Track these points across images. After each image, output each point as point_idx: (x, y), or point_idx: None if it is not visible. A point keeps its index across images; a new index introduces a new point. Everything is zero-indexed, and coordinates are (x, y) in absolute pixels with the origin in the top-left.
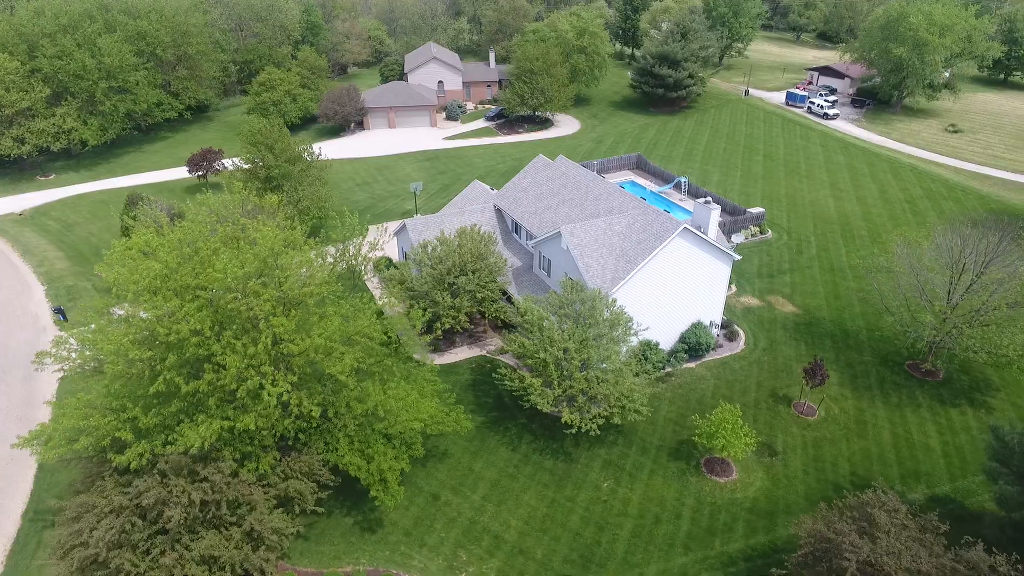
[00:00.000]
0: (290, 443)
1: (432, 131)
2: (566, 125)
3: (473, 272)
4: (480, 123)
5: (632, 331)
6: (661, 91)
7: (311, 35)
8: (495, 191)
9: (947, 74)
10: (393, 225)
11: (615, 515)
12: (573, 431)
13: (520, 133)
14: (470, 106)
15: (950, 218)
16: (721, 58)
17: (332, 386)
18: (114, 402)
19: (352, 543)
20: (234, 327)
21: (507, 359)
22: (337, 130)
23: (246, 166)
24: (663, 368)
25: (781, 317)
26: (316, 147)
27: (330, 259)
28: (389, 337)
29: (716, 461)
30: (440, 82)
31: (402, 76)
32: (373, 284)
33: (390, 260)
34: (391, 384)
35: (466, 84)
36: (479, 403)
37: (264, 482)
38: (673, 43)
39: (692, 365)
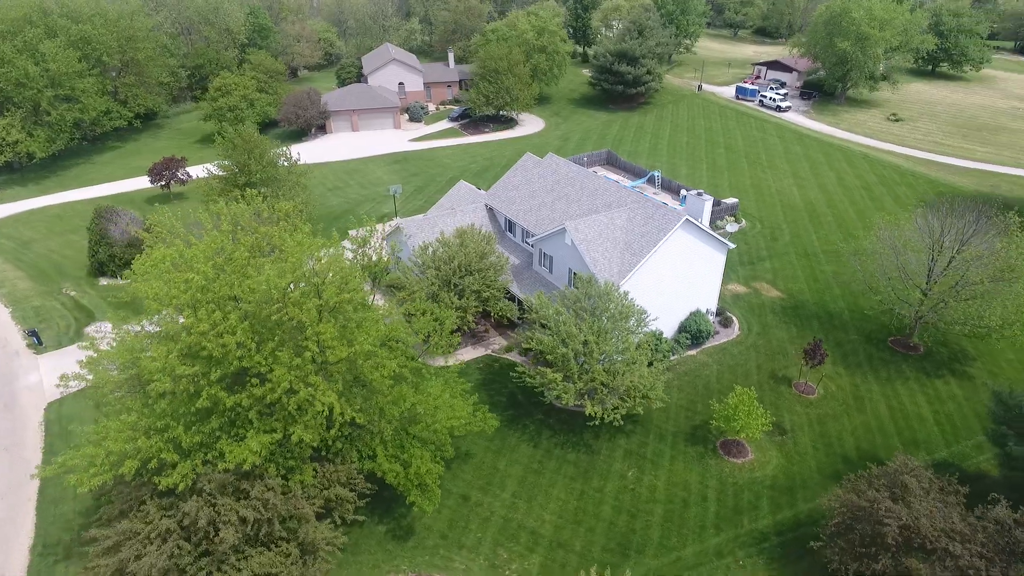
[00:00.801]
0: (323, 453)
1: (397, 133)
2: (530, 124)
3: (478, 272)
4: (444, 124)
5: (645, 321)
6: (620, 88)
7: (259, 38)
8: (484, 191)
9: (883, 65)
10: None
11: (644, 502)
12: (595, 423)
13: (486, 133)
14: (432, 107)
15: (905, 203)
16: (670, 55)
17: (363, 392)
18: (158, 422)
19: (389, 551)
20: (275, 338)
21: (513, 356)
22: (299, 134)
23: (221, 173)
24: (671, 356)
25: (768, 302)
26: (295, 151)
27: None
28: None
29: (731, 443)
30: (401, 83)
31: (360, 78)
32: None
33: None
34: (426, 384)
35: (427, 85)
36: (493, 402)
37: (305, 494)
38: (631, 40)
39: (693, 352)
